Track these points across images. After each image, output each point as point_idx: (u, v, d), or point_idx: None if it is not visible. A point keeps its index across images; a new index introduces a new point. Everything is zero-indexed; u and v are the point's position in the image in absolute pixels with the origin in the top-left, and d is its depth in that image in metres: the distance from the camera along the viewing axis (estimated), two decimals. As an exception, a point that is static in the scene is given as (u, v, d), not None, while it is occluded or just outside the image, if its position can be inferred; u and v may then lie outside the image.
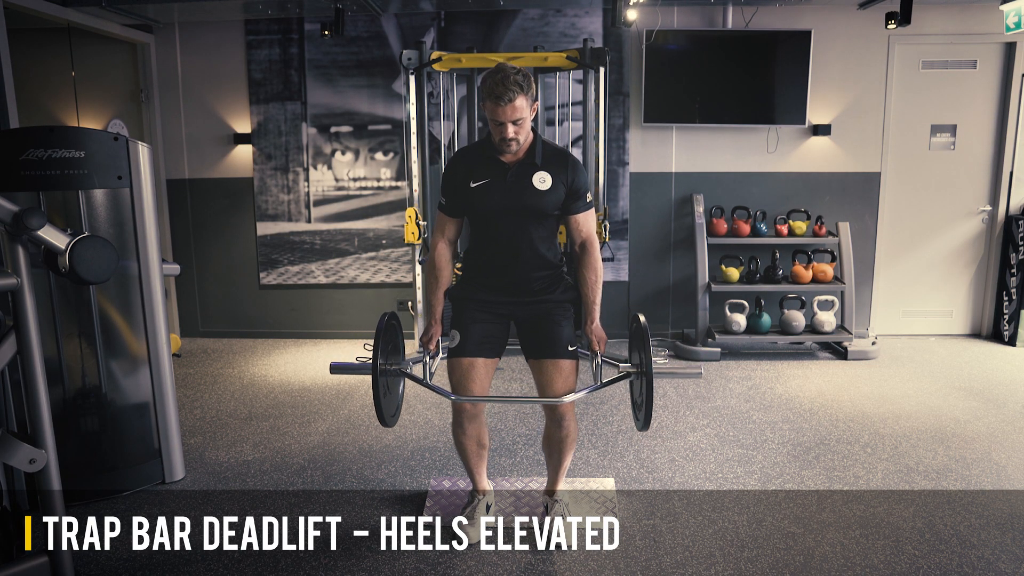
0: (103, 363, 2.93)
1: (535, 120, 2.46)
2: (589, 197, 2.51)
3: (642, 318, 2.46)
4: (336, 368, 2.62)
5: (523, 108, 2.31)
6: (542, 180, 2.42)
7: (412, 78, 4.62)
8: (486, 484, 2.78)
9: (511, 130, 2.33)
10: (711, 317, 5.10)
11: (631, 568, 2.45)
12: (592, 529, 2.70)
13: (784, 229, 5.02)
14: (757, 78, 5.03)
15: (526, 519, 2.76)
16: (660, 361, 2.39)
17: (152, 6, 4.68)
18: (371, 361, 2.40)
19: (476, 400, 2.53)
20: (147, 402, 3.07)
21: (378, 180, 5.34)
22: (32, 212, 1.98)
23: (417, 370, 2.63)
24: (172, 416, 3.13)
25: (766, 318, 4.92)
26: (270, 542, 2.64)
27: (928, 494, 2.95)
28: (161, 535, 2.70)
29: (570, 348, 2.51)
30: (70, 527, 2.33)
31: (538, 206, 2.42)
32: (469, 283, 2.58)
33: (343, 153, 5.32)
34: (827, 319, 4.87)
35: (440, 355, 2.63)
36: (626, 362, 2.53)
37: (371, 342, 2.42)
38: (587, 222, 2.52)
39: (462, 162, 2.50)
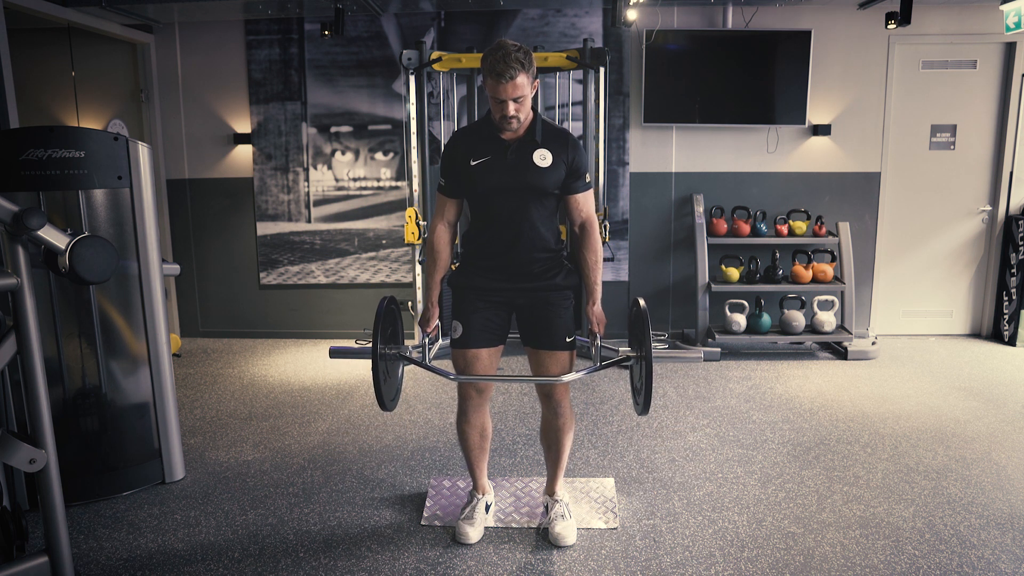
0: (103, 363, 2.93)
1: (535, 100, 2.46)
2: (588, 178, 2.51)
3: (642, 302, 2.43)
4: (335, 352, 2.61)
5: (524, 85, 2.31)
6: (542, 157, 2.40)
7: (412, 78, 4.62)
8: (486, 484, 2.78)
9: (512, 107, 2.32)
10: (711, 317, 5.10)
11: (631, 568, 2.45)
12: (592, 529, 2.70)
13: (784, 229, 5.02)
14: (757, 78, 5.03)
15: (526, 519, 2.77)
16: (659, 346, 2.39)
17: (152, 6, 4.68)
18: (371, 345, 2.39)
19: (475, 380, 2.52)
20: (147, 402, 3.07)
21: (378, 180, 5.35)
22: (32, 212, 1.98)
23: (416, 354, 2.66)
24: (172, 416, 3.13)
25: (766, 318, 4.92)
26: (270, 542, 2.64)
27: (928, 494, 2.95)
28: (161, 535, 2.70)
29: (568, 339, 2.51)
30: (70, 527, 2.33)
31: (539, 183, 2.41)
32: (468, 268, 2.55)
33: (343, 153, 5.32)
34: (827, 319, 4.87)
35: (439, 340, 2.64)
36: (625, 347, 2.54)
37: (370, 329, 2.42)
38: (586, 202, 2.51)
39: (462, 141, 2.49)
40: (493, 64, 2.27)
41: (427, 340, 2.64)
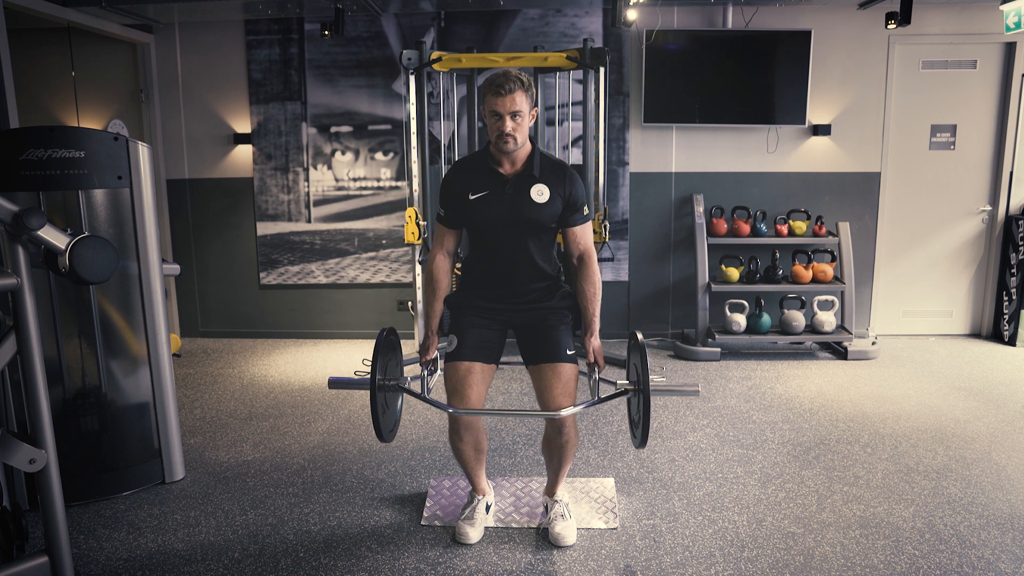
0: (103, 363, 2.93)
1: (535, 130, 2.47)
2: (586, 210, 2.53)
3: (639, 336, 2.47)
4: (335, 383, 2.65)
5: (522, 103, 2.33)
6: (540, 193, 2.44)
7: (412, 78, 4.62)
8: (486, 485, 2.78)
9: (509, 124, 2.33)
10: (711, 317, 5.10)
11: (631, 568, 2.45)
12: (592, 529, 2.70)
13: (784, 229, 5.02)
14: (757, 78, 5.03)
15: (526, 519, 2.77)
16: (657, 379, 2.39)
17: (152, 6, 4.68)
18: (369, 376, 2.41)
19: (473, 414, 2.52)
20: (147, 402, 3.07)
21: (378, 180, 5.35)
22: (32, 212, 1.97)
23: (415, 385, 2.64)
24: (172, 416, 3.13)
25: (766, 318, 4.92)
26: (270, 542, 2.64)
27: (928, 494, 2.95)
28: (161, 535, 2.70)
29: (569, 352, 2.51)
30: (70, 527, 2.32)
31: (536, 219, 2.45)
32: (467, 291, 2.60)
33: (343, 153, 5.32)
34: (827, 319, 4.87)
35: (439, 371, 2.64)
36: (624, 379, 2.54)
37: (370, 356, 2.43)
38: (584, 235, 2.53)
39: (460, 174, 2.52)
40: (493, 78, 2.33)
41: (426, 372, 2.62)
